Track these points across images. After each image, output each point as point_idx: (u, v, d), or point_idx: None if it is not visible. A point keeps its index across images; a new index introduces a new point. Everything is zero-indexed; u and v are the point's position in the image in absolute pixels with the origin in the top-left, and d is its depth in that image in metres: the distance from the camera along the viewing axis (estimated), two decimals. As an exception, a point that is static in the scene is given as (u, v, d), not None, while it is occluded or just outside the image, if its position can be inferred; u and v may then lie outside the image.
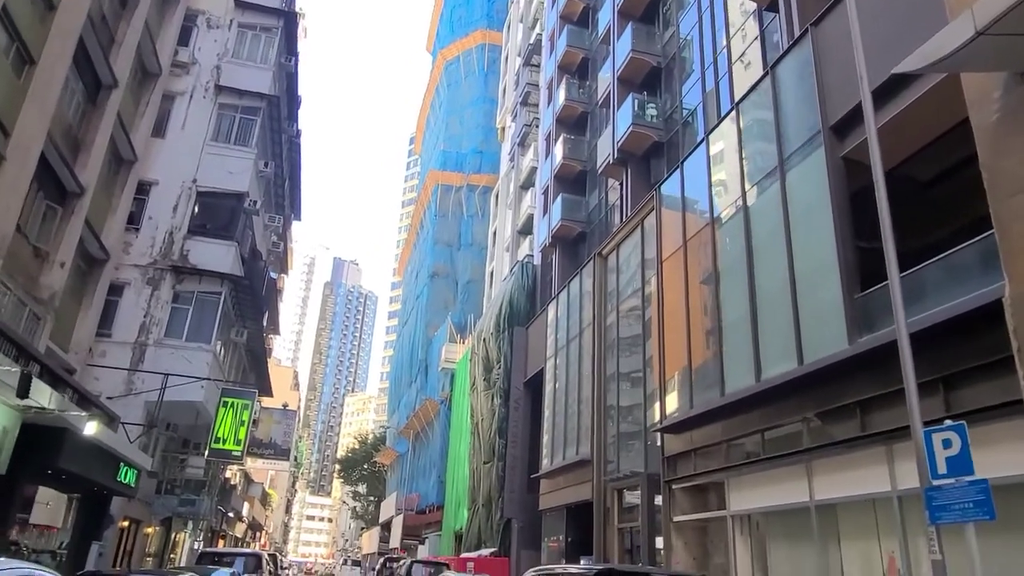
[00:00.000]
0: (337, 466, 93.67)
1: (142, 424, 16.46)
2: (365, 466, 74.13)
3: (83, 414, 9.93)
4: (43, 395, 9.00)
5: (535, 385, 29.92)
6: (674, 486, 16.35)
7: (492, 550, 30.28)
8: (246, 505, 42.12)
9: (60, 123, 13.49)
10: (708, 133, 16.64)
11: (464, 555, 31.98)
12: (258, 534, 60.91)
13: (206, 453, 18.76)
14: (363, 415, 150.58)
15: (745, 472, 13.66)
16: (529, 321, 32.55)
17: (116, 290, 18.64)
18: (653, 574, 8.71)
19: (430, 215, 59.13)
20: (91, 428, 9.78)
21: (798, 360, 11.94)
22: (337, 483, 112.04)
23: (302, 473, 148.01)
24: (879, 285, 10.53)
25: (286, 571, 31.68)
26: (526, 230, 38.99)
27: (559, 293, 27.39)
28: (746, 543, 13.92)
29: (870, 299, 10.82)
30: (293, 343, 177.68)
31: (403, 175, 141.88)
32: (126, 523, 17.62)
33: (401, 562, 27.84)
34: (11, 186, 11.13)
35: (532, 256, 35.64)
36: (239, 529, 42.35)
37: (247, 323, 22.97)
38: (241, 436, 18.45)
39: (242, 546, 43.57)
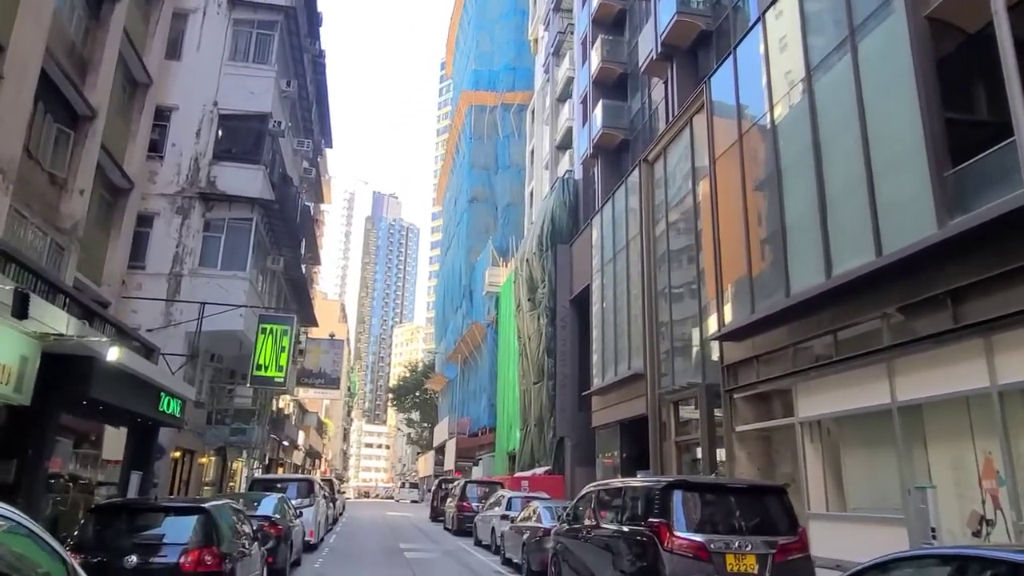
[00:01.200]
0: (390, 395, 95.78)
1: (183, 355, 16.16)
2: (416, 393, 75.41)
3: (104, 339, 9.38)
4: (59, 321, 8.42)
5: (581, 302, 29.08)
6: (735, 395, 15.52)
7: (546, 468, 30.30)
8: (301, 434, 43.08)
9: (61, 40, 12.60)
10: (763, 12, 14.91)
11: (518, 474, 32.15)
12: (317, 462, 62.92)
13: (248, 381, 18.58)
14: (412, 345, 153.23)
15: (815, 376, 12.70)
16: (572, 238, 31.48)
17: (146, 221, 18.17)
18: (733, 485, 7.84)
19: (465, 139, 57.61)
20: (113, 354, 9.25)
21: (876, 251, 10.71)
22: (392, 411, 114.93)
23: (357, 403, 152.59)
24: (978, 156, 9.17)
25: (343, 495, 32.42)
26: (565, 145, 37.41)
27: (603, 206, 26.13)
28: (817, 450, 13.07)
29: (964, 175, 9.47)
30: (339, 278, 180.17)
31: (436, 102, 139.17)
32: (178, 454, 17.67)
33: (455, 483, 27.96)
34: (12, 105, 10.37)
35: (572, 171, 34.22)
36: (296, 457, 43.50)
37: (283, 250, 22.45)
38: (283, 362, 18.16)
39: (302, 473, 44.84)
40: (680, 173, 20.20)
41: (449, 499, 26.01)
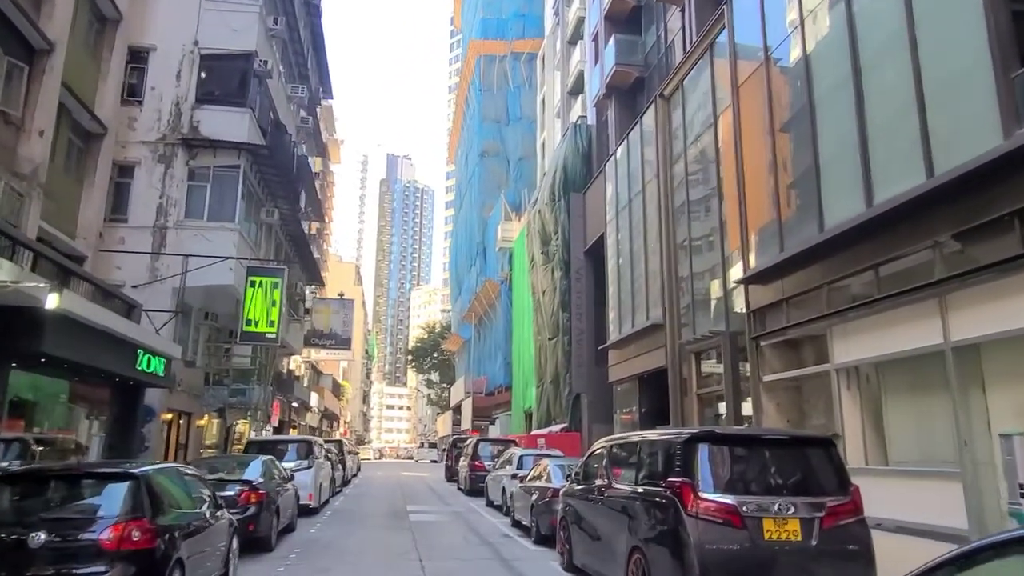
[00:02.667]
0: (408, 357, 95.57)
1: (169, 311, 15.14)
2: (435, 355, 74.98)
3: (42, 284, 8.27)
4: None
5: (596, 253, 27.76)
6: (762, 343, 14.23)
7: (563, 426, 29.47)
8: (314, 396, 42.53)
9: (7, -38, 11.28)
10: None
11: (535, 432, 31.40)
12: (335, 423, 62.79)
13: (238, 338, 17.60)
14: (430, 307, 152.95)
15: (852, 318, 11.35)
16: (586, 186, 30.03)
17: (127, 171, 17.06)
18: (770, 437, 6.63)
19: (475, 91, 55.75)
20: (52, 301, 8.16)
21: (926, 172, 9.27)
22: (411, 373, 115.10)
23: (377, 366, 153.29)
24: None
25: (357, 455, 31.84)
26: (577, 90, 35.69)
27: (617, 148, 24.62)
28: (854, 399, 11.80)
29: (1037, 76, 7.96)
30: (356, 241, 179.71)
31: (447, 59, 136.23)
32: (170, 416, 16.82)
33: (468, 442, 27.14)
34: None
35: (585, 117, 32.61)
36: (311, 419, 43.04)
37: (278, 202, 21.28)
38: (274, 317, 17.11)
39: (319, 435, 44.47)
40: (699, 106, 18.66)
41: (462, 458, 25.19)
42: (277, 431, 29.60)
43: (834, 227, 11.25)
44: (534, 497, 12.11)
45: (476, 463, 22.23)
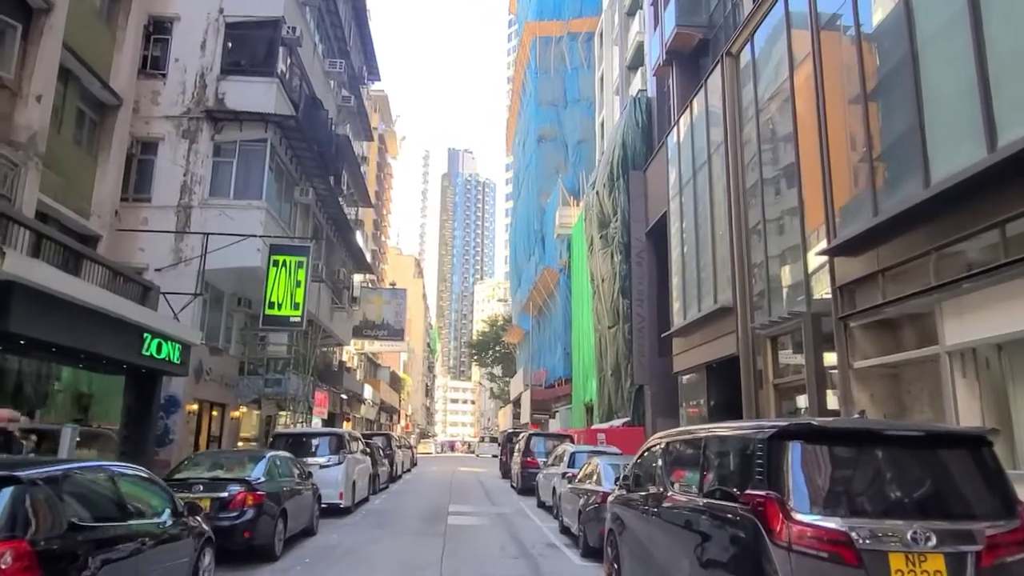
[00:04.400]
0: (471, 350, 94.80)
1: (188, 293, 14.06)
2: (497, 348, 73.87)
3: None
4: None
5: (658, 234, 25.67)
6: (852, 324, 12.09)
7: (625, 420, 27.60)
8: (368, 388, 41.73)
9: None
10: None
11: (595, 427, 29.64)
12: (394, 417, 62.30)
13: (260, 321, 16.47)
14: (493, 301, 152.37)
15: (969, 289, 9.21)
16: (646, 163, 27.95)
17: (150, 148, 16.16)
18: (896, 432, 4.70)
19: (531, 74, 54.02)
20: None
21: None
22: (475, 367, 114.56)
23: (441, 360, 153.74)
24: None
25: (411, 450, 30.68)
26: (636, 63, 33.54)
27: (679, 117, 22.51)
28: (971, 388, 9.63)
29: None
30: (419, 236, 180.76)
31: (505, 49, 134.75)
32: (195, 406, 15.82)
33: (520, 436, 25.57)
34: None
35: (645, 90, 30.46)
36: (364, 411, 42.30)
37: (314, 181, 20.10)
38: (299, 299, 15.87)
39: (376, 428, 43.78)
40: (773, 60, 16.42)
41: (515, 454, 23.64)
42: (328, 424, 28.70)
43: (945, 180, 9.12)
44: (582, 501, 10.40)
45: (528, 459, 20.65)
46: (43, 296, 8.63)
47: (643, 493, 6.78)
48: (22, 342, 9.04)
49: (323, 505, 13.56)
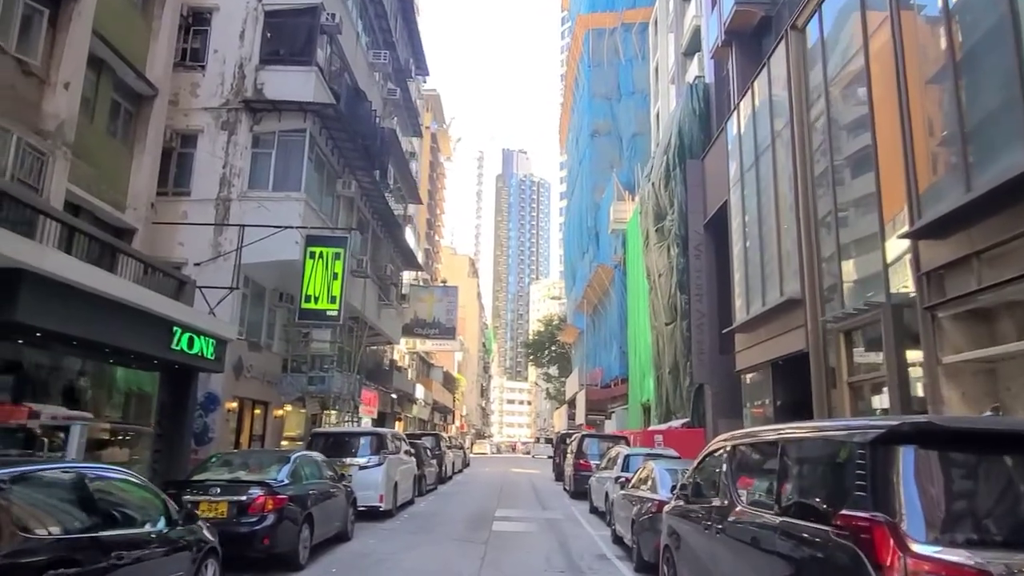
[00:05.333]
0: (527, 350, 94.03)
1: (224, 287, 13.62)
2: (552, 348, 72.93)
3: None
4: None
5: (717, 225, 24.32)
6: (940, 314, 10.72)
7: (684, 421, 26.30)
8: (420, 388, 41.30)
9: None
10: None
11: (652, 428, 28.41)
12: (448, 417, 61.97)
13: (296, 316, 15.97)
14: (548, 301, 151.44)
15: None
16: (704, 151, 26.61)
17: (189, 141, 15.88)
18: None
19: (584, 68, 52.91)
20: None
21: None
22: (531, 368, 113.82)
23: (497, 360, 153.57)
24: None
25: (462, 450, 30.05)
26: (692, 48, 32.12)
27: (740, 100, 21.15)
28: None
29: None
30: (474, 237, 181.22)
31: (559, 47, 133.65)
32: (234, 404, 15.42)
33: (573, 436, 24.59)
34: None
35: (702, 77, 29.07)
36: (417, 411, 41.90)
37: (357, 174, 19.58)
38: (336, 292, 15.28)
39: (429, 429, 43.38)
40: (844, 31, 15.01)
41: (568, 456, 22.69)
42: (379, 424, 28.30)
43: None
44: (635, 509, 9.40)
45: (581, 462, 19.68)
46: (56, 285, 8.16)
47: (704, 505, 5.78)
48: (38, 334, 8.58)
49: (362, 508, 12.94)
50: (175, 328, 11.10)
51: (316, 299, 15.14)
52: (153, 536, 5.17)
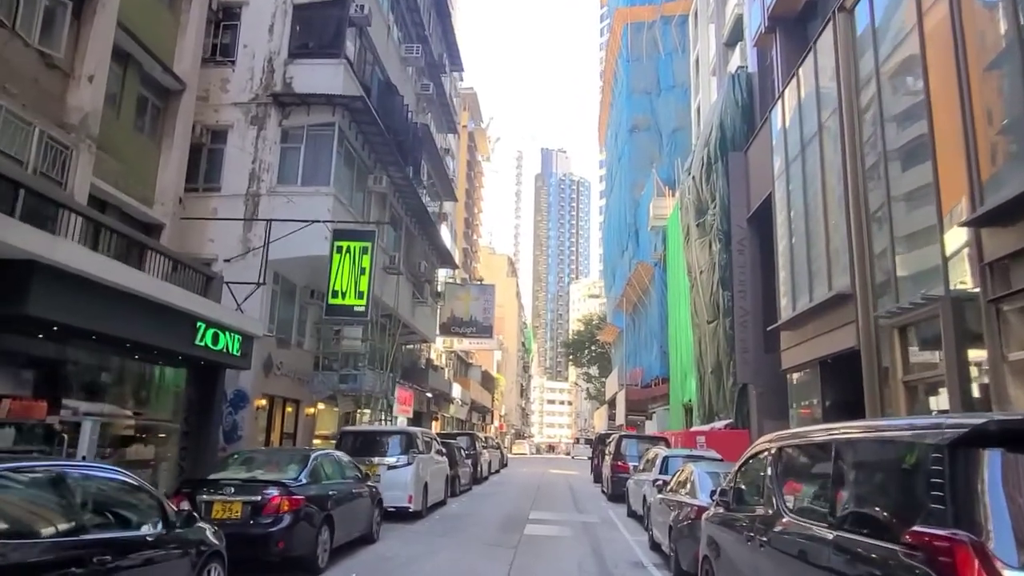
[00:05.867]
0: (567, 350, 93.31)
1: (252, 283, 13.43)
2: (592, 347, 72.10)
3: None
4: None
5: (761, 219, 23.42)
6: (1005, 307, 9.90)
7: (727, 422, 25.42)
8: (457, 387, 40.99)
9: None
10: None
11: (694, 429, 27.58)
12: (487, 417, 61.63)
13: (323, 311, 15.70)
14: (588, 301, 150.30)
15: None
16: (747, 143, 25.68)
17: (219, 136, 15.79)
18: None
19: (622, 62, 52.00)
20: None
21: None
22: (572, 368, 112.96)
23: (537, 360, 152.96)
24: None
25: (498, 450, 29.62)
26: (734, 38, 31.15)
27: (784, 88, 20.26)
28: None
29: None
30: (513, 237, 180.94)
31: (598, 43, 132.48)
32: (263, 401, 15.23)
33: (611, 437, 23.94)
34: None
35: (745, 66, 28.11)
36: (454, 411, 41.59)
37: (389, 169, 19.28)
38: (363, 288, 14.95)
39: (467, 429, 43.05)
40: (896, 11, 14.10)
41: (606, 457, 22.07)
42: (414, 423, 28.04)
43: None
44: (673, 515, 8.81)
45: (619, 463, 19.06)
46: (70, 278, 7.96)
47: (747, 513, 5.21)
48: (55, 328, 8.40)
49: (390, 509, 12.61)
50: (199, 323, 10.89)
51: (343, 294, 14.85)
52: (146, 539, 4.83)
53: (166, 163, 13.55)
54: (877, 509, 3.38)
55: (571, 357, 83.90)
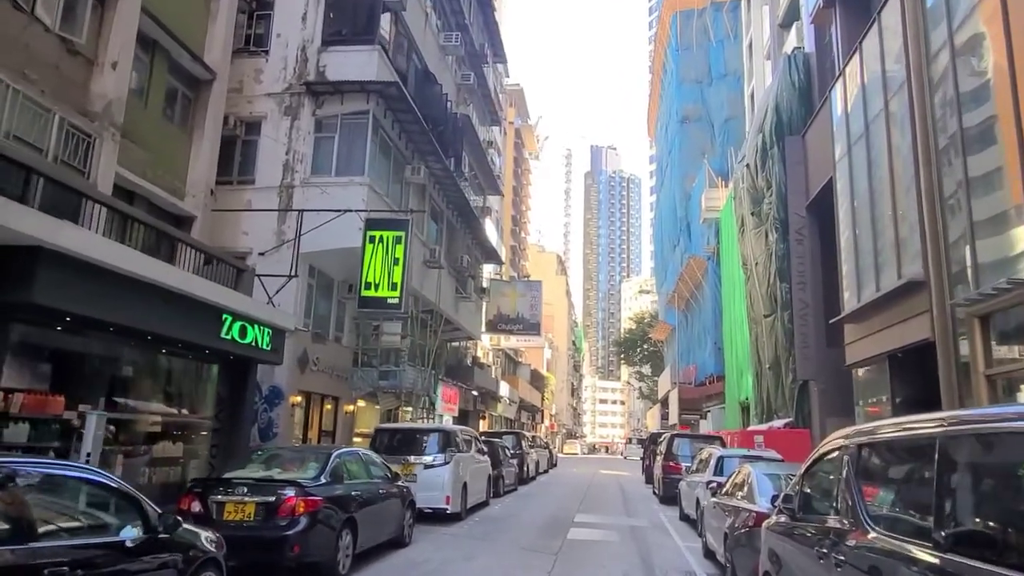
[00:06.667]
0: (618, 349, 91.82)
1: (285, 275, 13.01)
2: (644, 346, 70.67)
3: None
4: None
5: (821, 206, 22.10)
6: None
7: (786, 420, 24.13)
8: (505, 386, 40.32)
9: None
10: None
11: (751, 428, 26.33)
12: (537, 416, 60.85)
13: (356, 304, 15.18)
14: (640, 299, 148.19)
15: None
16: (805, 126, 24.34)
17: (253, 128, 15.52)
18: None
19: (671, 52, 50.66)
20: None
21: None
22: (624, 367, 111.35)
23: (589, 359, 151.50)
24: None
25: (541, 450, 28.82)
26: (789, 19, 29.71)
27: (845, 64, 18.98)
28: None
29: None
30: (563, 236, 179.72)
31: (647, 37, 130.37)
32: (298, 398, 14.82)
33: (663, 437, 22.93)
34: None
35: (801, 48, 26.72)
36: (501, 409, 40.93)
37: (427, 159, 18.73)
38: (396, 279, 14.36)
39: (516, 428, 42.40)
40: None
41: (657, 457, 21.10)
42: (460, 421, 27.52)
43: None
44: (729, 521, 7.93)
45: (671, 464, 18.11)
46: (80, 264, 7.57)
47: (817, 524, 4.36)
48: (67, 318, 8.03)
49: (427, 511, 12.02)
50: (224, 316, 10.48)
51: (376, 286, 14.32)
52: (118, 547, 4.28)
53: (197, 154, 13.27)
54: (1004, 527, 2.54)
55: (623, 356, 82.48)
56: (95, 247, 7.78)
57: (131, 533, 4.42)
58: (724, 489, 9.21)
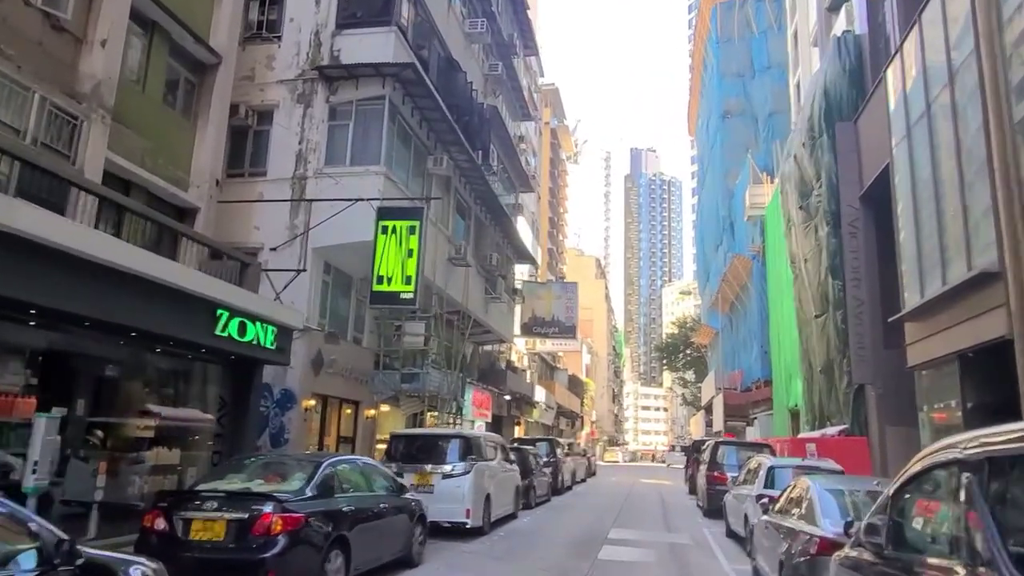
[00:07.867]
0: (661, 355, 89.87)
1: (293, 270, 12.17)
2: (687, 351, 68.81)
3: None
4: None
5: (876, 197, 20.53)
6: None
7: (841, 427, 22.52)
8: (541, 391, 39.13)
9: None
10: None
11: (803, 435, 24.73)
12: (576, 423, 59.46)
13: (369, 299, 14.23)
14: (682, 304, 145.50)
15: None
16: (857, 112, 22.78)
17: (265, 117, 14.81)
18: None
19: (711, 45, 49.08)
20: None
21: None
22: (666, 373, 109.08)
23: (631, 365, 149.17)
24: None
25: (578, 458, 27.50)
26: (838, 3, 28.09)
27: (903, 40, 17.47)
28: None
29: None
30: (603, 240, 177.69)
31: (687, 36, 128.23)
32: (312, 402, 13.93)
33: (706, 444, 21.52)
34: None
35: (851, 30, 25.15)
36: (537, 415, 39.70)
37: (450, 150, 17.78)
38: (410, 272, 13.35)
39: (554, 434, 41.21)
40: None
41: (701, 466, 19.74)
42: (493, 427, 26.49)
43: None
44: (785, 546, 6.70)
45: (716, 474, 16.78)
46: (40, 249, 6.74)
47: (920, 566, 3.16)
48: (32, 311, 7.22)
49: (445, 524, 10.99)
50: (220, 311, 9.64)
51: (389, 280, 13.37)
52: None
53: (201, 142, 12.54)
54: None
55: (665, 362, 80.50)
56: (57, 230, 6.96)
57: (33, 562, 3.49)
58: (777, 505, 7.96)
